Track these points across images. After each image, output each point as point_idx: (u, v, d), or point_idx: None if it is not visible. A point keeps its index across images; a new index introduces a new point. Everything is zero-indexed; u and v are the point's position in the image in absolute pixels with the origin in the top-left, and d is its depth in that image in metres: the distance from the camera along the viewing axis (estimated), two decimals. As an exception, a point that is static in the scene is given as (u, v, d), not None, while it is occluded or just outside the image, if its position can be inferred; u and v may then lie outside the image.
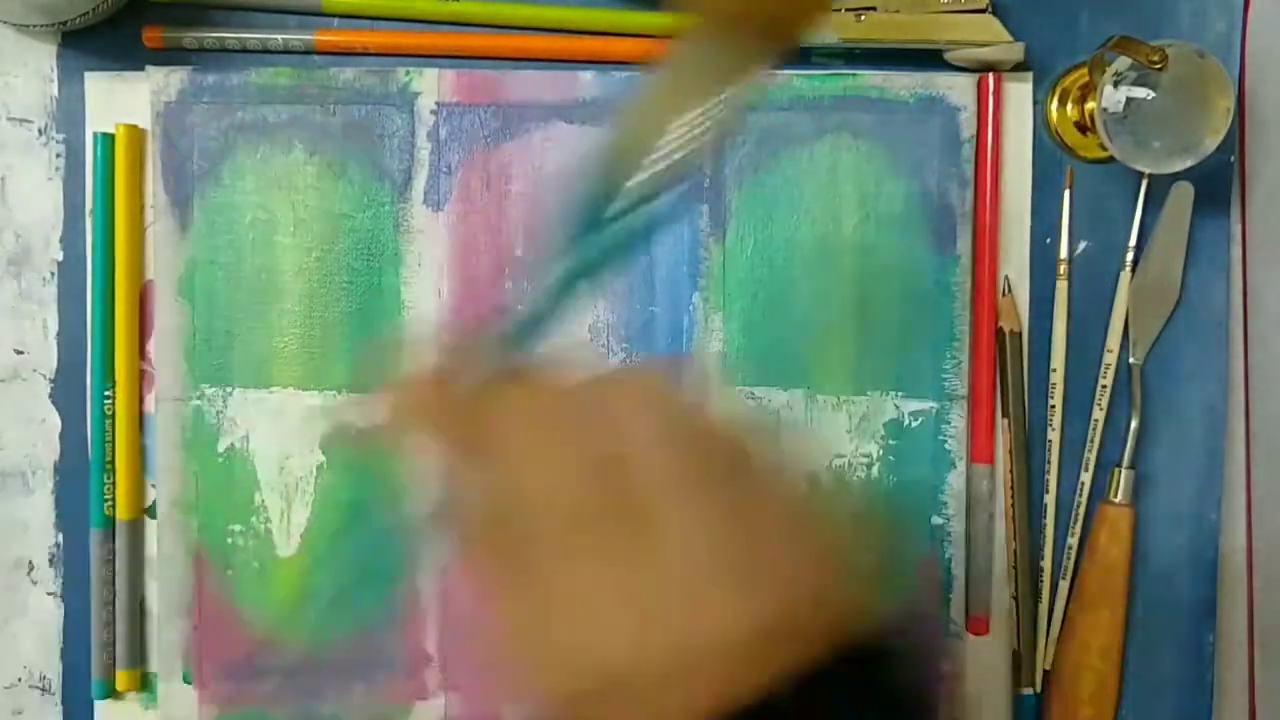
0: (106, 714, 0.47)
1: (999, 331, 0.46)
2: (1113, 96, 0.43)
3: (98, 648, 0.46)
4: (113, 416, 0.46)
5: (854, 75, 0.46)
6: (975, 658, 0.47)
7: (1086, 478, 0.47)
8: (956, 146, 0.46)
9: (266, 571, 0.46)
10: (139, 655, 0.46)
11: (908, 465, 0.46)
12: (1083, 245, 0.47)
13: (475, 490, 0.25)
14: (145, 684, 0.46)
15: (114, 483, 0.46)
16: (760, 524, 0.22)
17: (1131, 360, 0.47)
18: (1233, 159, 0.47)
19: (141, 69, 0.45)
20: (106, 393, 0.45)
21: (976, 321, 0.46)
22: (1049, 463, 0.47)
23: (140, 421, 0.46)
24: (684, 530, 0.22)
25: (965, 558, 0.46)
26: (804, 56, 0.46)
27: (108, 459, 0.46)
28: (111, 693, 0.46)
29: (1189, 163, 0.43)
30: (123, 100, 0.46)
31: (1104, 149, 0.44)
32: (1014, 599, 0.47)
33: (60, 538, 0.46)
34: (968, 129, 0.46)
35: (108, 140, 0.45)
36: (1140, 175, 0.46)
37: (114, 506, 0.46)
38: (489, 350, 0.27)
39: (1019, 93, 0.46)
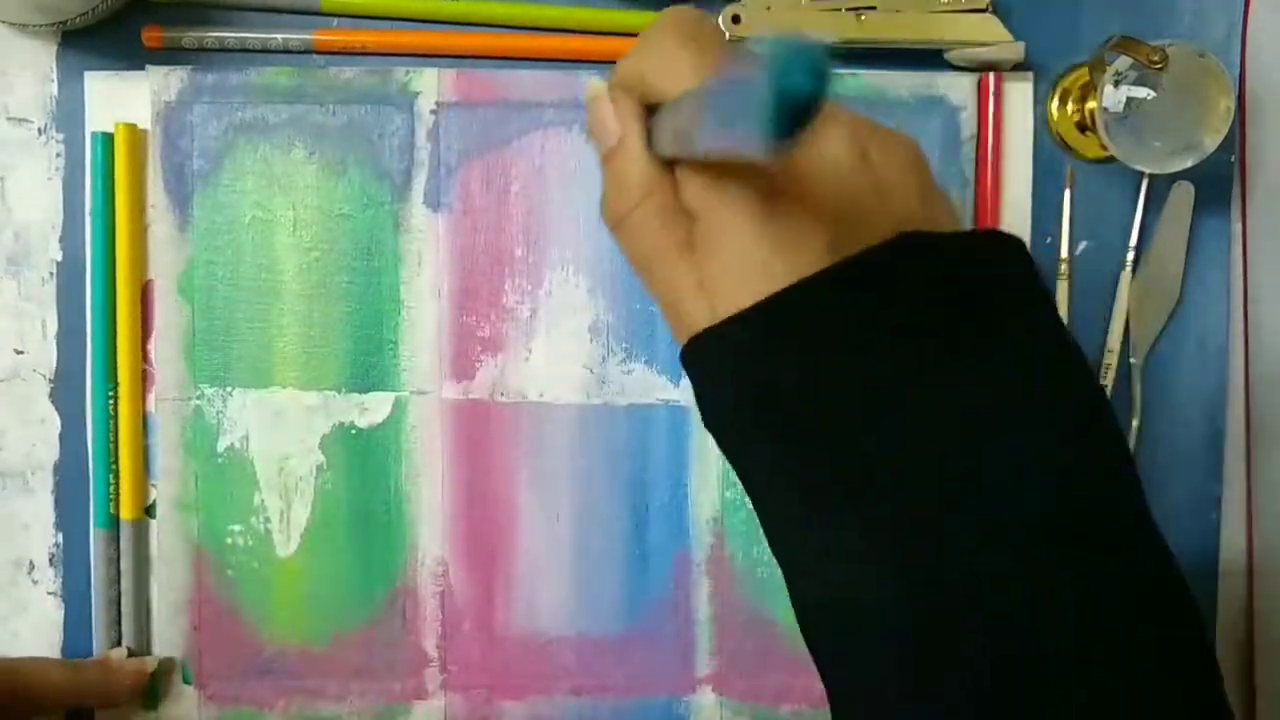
0: (108, 713, 0.47)
1: (999, 331, 0.46)
2: (1113, 96, 0.43)
3: (104, 646, 0.46)
4: (114, 416, 0.46)
5: (854, 75, 0.46)
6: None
7: (1086, 478, 0.47)
8: (957, 146, 0.46)
9: (266, 571, 0.46)
10: (144, 654, 0.46)
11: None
12: (1083, 245, 0.47)
13: None
14: (151, 683, 0.46)
15: (118, 482, 0.46)
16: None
17: (1132, 360, 0.47)
18: (1233, 159, 0.47)
19: (141, 69, 0.45)
20: (109, 392, 0.45)
21: (976, 321, 0.46)
22: (1049, 463, 0.47)
23: (144, 421, 0.46)
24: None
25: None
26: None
27: (112, 459, 0.46)
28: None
29: (1189, 162, 0.43)
30: (123, 100, 0.46)
31: (1104, 149, 0.44)
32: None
33: (60, 538, 0.46)
34: (968, 129, 0.46)
35: (107, 140, 0.45)
36: (1141, 175, 0.46)
37: (118, 506, 0.46)
38: None
39: (1019, 92, 0.46)
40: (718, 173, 0.28)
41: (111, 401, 0.46)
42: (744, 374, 0.27)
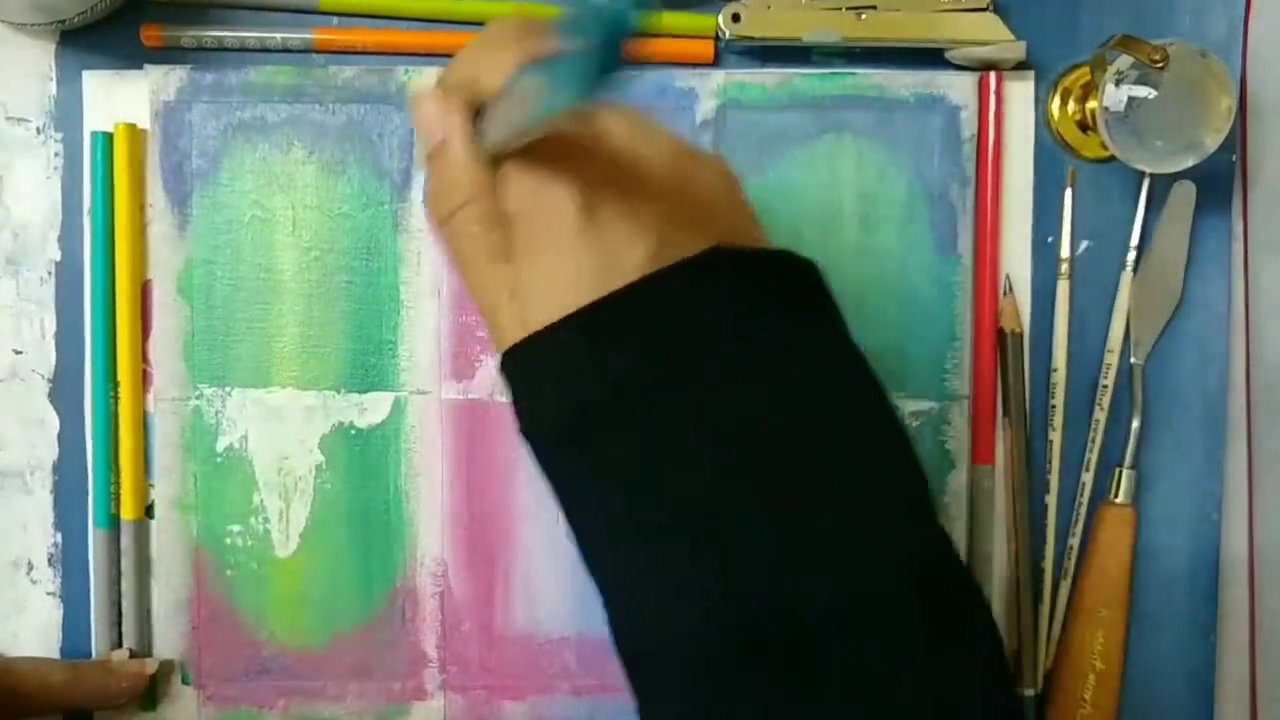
0: (107, 714, 0.46)
1: (1000, 332, 0.46)
2: (1114, 95, 0.42)
3: (104, 647, 0.46)
4: (115, 416, 0.45)
5: (854, 74, 0.46)
6: (976, 658, 0.46)
7: (1088, 478, 0.47)
8: (957, 146, 0.46)
9: (265, 571, 0.46)
10: (145, 655, 0.46)
11: (908, 465, 0.46)
12: (1084, 245, 0.47)
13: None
14: (152, 684, 0.46)
15: (118, 482, 0.46)
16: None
17: (1133, 360, 0.47)
18: (1234, 158, 0.47)
19: (140, 68, 0.45)
20: (110, 392, 0.45)
21: (977, 321, 0.46)
22: (1050, 463, 0.47)
23: (144, 421, 0.46)
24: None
25: (965, 558, 0.46)
26: (804, 56, 0.46)
27: (112, 459, 0.45)
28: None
29: (1190, 162, 0.43)
30: (121, 99, 0.45)
31: (1105, 148, 0.44)
32: (1014, 599, 0.46)
33: (60, 538, 0.46)
34: (969, 128, 0.46)
35: (105, 139, 0.45)
36: (1142, 174, 0.46)
37: (118, 506, 0.46)
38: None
39: (1020, 92, 0.46)
40: (540, 176, 0.27)
41: (112, 401, 0.45)
42: (555, 387, 0.27)
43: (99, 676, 0.45)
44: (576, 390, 0.26)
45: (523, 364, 0.28)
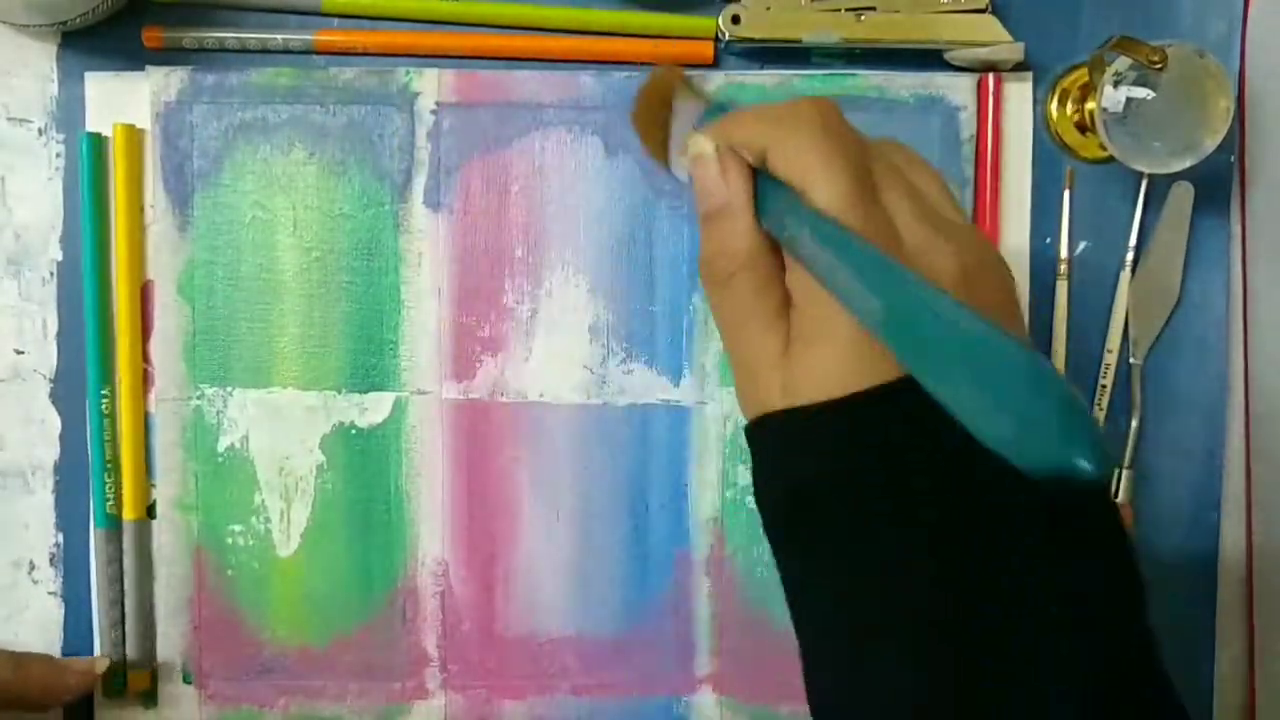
0: (107, 713, 0.47)
1: (999, 331, 0.46)
2: (1113, 96, 0.43)
3: (108, 648, 0.46)
4: (110, 416, 0.46)
5: (854, 75, 0.46)
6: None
7: (1086, 478, 0.47)
8: (956, 146, 0.46)
9: (266, 571, 0.46)
10: (151, 655, 0.46)
11: (907, 465, 0.46)
12: (1082, 245, 0.47)
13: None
14: (154, 683, 0.46)
15: (117, 482, 0.46)
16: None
17: (1131, 360, 0.47)
18: (1233, 159, 0.47)
19: (142, 69, 0.45)
20: (103, 392, 0.45)
21: (976, 321, 0.46)
22: (1049, 463, 0.47)
23: (145, 421, 0.46)
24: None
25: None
26: (804, 57, 0.46)
27: (108, 458, 0.46)
28: (119, 691, 0.46)
29: (1189, 163, 0.43)
30: (123, 100, 0.46)
31: (1104, 149, 0.44)
32: (1014, 599, 0.47)
33: (61, 538, 0.46)
34: (967, 129, 0.46)
35: (95, 140, 0.45)
36: (1140, 175, 0.46)
37: (118, 506, 0.46)
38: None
39: (1019, 93, 0.46)
40: None
41: (105, 402, 0.45)
42: (809, 461, 0.27)
43: (46, 672, 0.44)
44: (836, 468, 0.26)
45: (778, 432, 0.28)
